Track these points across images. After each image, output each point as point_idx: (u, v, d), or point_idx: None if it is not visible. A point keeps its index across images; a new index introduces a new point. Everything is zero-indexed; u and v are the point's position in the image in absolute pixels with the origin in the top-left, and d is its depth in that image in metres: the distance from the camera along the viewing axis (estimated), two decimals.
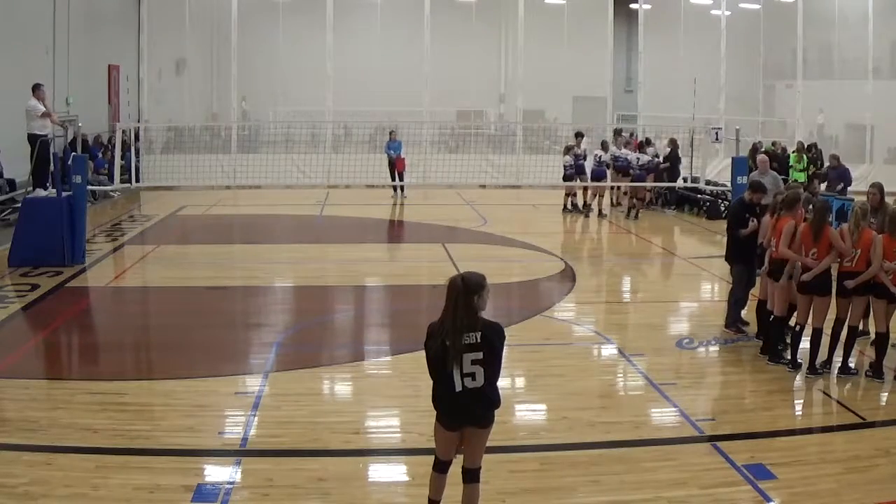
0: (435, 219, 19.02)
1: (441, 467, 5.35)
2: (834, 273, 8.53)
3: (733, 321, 10.01)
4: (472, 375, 5.05)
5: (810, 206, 9.10)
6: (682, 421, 7.37)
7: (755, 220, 9.59)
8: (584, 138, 20.25)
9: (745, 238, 9.65)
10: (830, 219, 8.82)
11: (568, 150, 19.85)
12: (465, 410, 5.13)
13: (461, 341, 5.00)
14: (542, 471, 6.38)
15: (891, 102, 24.11)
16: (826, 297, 8.42)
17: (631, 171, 19.56)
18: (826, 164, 19.90)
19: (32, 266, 12.88)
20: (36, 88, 14.79)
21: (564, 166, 19.67)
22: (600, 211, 19.79)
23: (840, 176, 17.69)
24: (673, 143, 20.33)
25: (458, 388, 5.05)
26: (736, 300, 10.09)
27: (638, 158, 19.65)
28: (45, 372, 8.79)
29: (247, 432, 7.01)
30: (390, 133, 21.77)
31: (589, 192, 20.15)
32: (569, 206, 20.08)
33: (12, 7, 17.89)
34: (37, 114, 14.46)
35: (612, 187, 20.24)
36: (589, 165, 19.97)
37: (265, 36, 25.95)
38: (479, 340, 5.04)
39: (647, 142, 21.36)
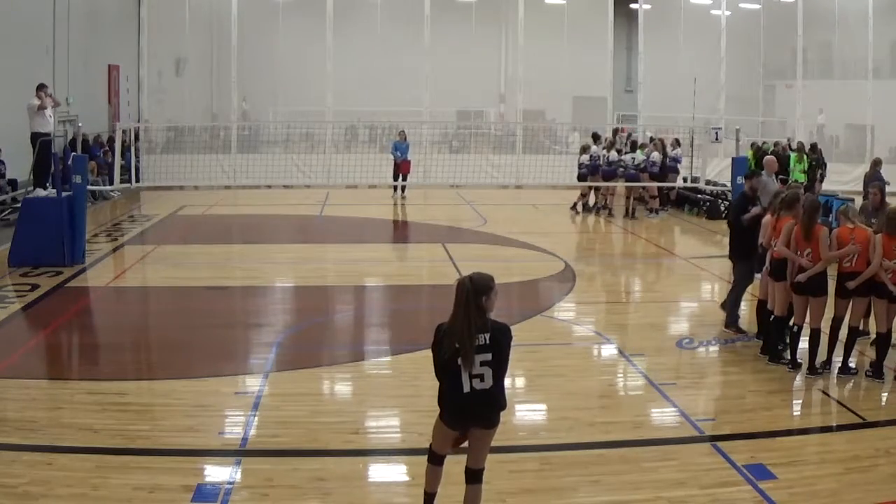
0: (435, 219, 19.03)
1: (436, 459, 5.37)
2: (833, 273, 8.53)
3: (733, 321, 10.01)
4: (481, 377, 5.05)
5: None
6: (682, 421, 7.37)
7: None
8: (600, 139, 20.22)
9: (746, 232, 9.63)
10: (830, 219, 8.80)
11: (584, 149, 19.81)
12: (472, 412, 5.13)
13: (473, 343, 5.01)
14: (542, 471, 6.37)
15: (891, 102, 24.12)
16: (821, 297, 8.39)
17: (624, 170, 19.53)
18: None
19: (32, 266, 12.87)
20: (39, 89, 14.80)
21: (580, 164, 19.64)
22: (598, 209, 19.79)
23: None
24: (662, 144, 20.30)
25: (467, 389, 5.05)
26: (734, 299, 10.08)
27: (633, 159, 19.60)
28: (45, 372, 8.79)
29: (247, 432, 7.01)
30: (400, 133, 21.74)
31: (601, 192, 20.13)
32: (578, 207, 19.95)
33: (12, 7, 17.88)
34: (34, 109, 14.48)
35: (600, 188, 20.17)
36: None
37: (265, 36, 25.94)
38: (488, 341, 5.05)
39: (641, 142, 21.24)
